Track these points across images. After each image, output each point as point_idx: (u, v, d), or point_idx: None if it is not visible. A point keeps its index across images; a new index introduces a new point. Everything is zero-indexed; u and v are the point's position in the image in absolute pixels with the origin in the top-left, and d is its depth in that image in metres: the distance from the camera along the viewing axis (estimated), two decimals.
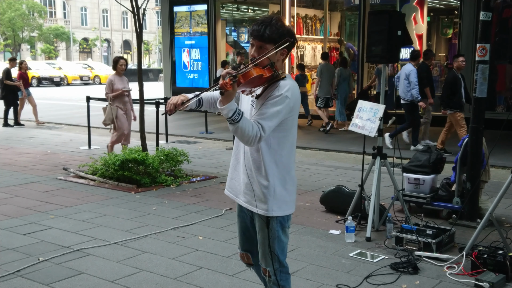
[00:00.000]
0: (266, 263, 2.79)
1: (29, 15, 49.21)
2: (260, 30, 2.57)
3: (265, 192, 2.66)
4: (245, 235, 2.93)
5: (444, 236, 4.55)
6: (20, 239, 4.85)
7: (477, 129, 5.27)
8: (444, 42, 16.41)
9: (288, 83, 2.59)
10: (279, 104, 2.52)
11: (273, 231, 2.71)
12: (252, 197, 2.70)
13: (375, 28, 5.07)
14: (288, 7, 15.59)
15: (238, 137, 2.53)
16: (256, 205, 2.69)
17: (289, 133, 2.66)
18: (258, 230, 2.78)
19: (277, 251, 2.75)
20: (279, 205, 2.69)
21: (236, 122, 2.43)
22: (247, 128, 2.46)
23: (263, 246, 2.76)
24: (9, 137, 11.51)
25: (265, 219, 2.70)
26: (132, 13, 7.47)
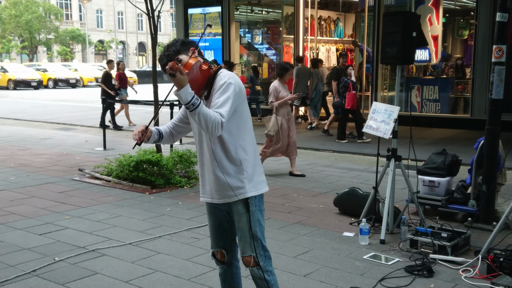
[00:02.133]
0: (250, 249, 2.85)
1: (45, 18, 49.79)
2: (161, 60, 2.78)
3: (239, 176, 2.79)
4: (218, 231, 3.01)
5: (460, 239, 4.50)
6: (36, 239, 4.90)
7: (493, 131, 5.22)
8: (460, 43, 16.27)
9: (227, 72, 2.76)
10: (226, 90, 2.67)
11: (254, 214, 2.82)
12: (226, 189, 2.80)
13: (390, 30, 5.04)
14: (302, 8, 15.57)
15: (202, 125, 2.60)
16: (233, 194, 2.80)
17: (245, 118, 2.81)
18: (238, 218, 2.86)
19: (259, 235, 2.85)
20: (254, 185, 2.82)
21: (197, 107, 2.54)
22: (209, 114, 2.57)
23: (244, 232, 2.84)
24: (25, 138, 11.64)
25: (244, 203, 2.81)
26: (147, 15, 7.52)
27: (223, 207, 2.92)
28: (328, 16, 19.09)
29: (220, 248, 3.03)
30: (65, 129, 13.55)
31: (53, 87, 34.22)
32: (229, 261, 3.05)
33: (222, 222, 2.98)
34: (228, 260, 3.05)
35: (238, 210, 2.85)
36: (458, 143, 10.11)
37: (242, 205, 2.82)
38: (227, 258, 3.04)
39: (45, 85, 33.94)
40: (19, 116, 16.40)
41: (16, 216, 5.61)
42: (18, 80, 32.17)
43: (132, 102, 14.19)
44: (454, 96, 13.30)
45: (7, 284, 3.89)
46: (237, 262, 3.12)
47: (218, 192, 2.85)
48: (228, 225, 2.98)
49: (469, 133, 11.23)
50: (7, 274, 4.05)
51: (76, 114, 16.98)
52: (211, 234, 3.05)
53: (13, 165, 8.46)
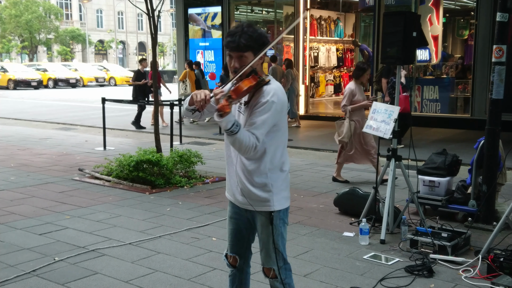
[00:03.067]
0: (271, 262, 2.82)
1: (45, 18, 49.80)
2: (235, 41, 2.61)
3: (265, 189, 2.73)
4: (236, 237, 2.94)
5: (460, 239, 4.50)
6: (36, 239, 4.90)
7: (493, 131, 5.22)
8: (460, 43, 16.27)
9: (272, 87, 2.65)
10: (266, 111, 2.60)
11: (277, 227, 2.77)
12: (251, 197, 2.75)
13: (390, 29, 5.04)
14: (302, 8, 15.56)
15: (236, 148, 2.61)
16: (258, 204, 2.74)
17: (280, 133, 2.74)
18: (260, 229, 2.81)
19: (281, 248, 2.80)
20: (278, 200, 2.76)
21: (235, 134, 2.51)
22: (245, 139, 2.54)
23: (266, 244, 2.80)
24: (25, 138, 11.64)
25: (268, 216, 2.75)
26: (147, 15, 7.52)
27: (246, 214, 2.85)
28: (328, 16, 19.08)
29: (234, 254, 2.97)
30: (65, 129, 13.55)
31: (53, 87, 34.23)
32: (240, 267, 3.00)
33: (242, 229, 2.91)
34: (239, 265, 2.99)
35: (262, 221, 2.78)
36: (458, 143, 10.11)
37: (266, 217, 2.75)
38: (239, 263, 2.99)
39: (45, 85, 33.95)
40: (19, 116, 16.40)
41: (16, 216, 5.61)
42: (18, 80, 32.17)
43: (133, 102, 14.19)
44: (454, 96, 13.31)
45: (7, 284, 3.89)
46: (248, 269, 3.07)
47: (243, 197, 2.78)
48: (246, 232, 2.92)
49: (469, 133, 11.24)
50: (7, 274, 4.05)
51: (76, 114, 16.98)
52: (228, 238, 2.97)
53: (13, 165, 8.46)
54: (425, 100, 13.17)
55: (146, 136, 11.87)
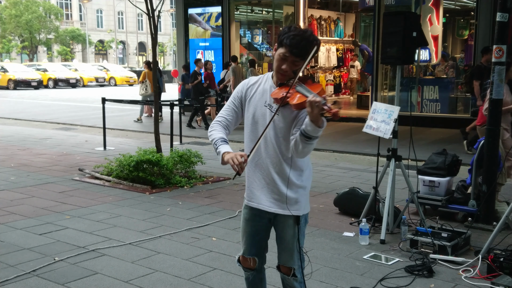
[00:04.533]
0: (292, 261, 2.81)
1: (46, 18, 49.81)
2: (301, 48, 2.54)
3: (299, 192, 2.71)
4: (254, 239, 2.88)
5: (460, 239, 4.50)
6: (36, 239, 4.90)
7: (493, 131, 5.22)
8: (460, 43, 16.28)
9: None
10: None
11: (302, 228, 2.78)
12: (282, 200, 2.70)
13: (390, 29, 5.04)
14: (303, 8, 15.57)
15: (303, 151, 2.52)
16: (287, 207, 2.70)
17: None
18: (283, 229, 2.77)
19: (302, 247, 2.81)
20: (307, 203, 2.78)
21: (317, 138, 2.47)
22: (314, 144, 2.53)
23: (291, 244, 2.78)
24: (25, 138, 11.65)
25: (295, 218, 2.73)
26: (147, 15, 7.52)
27: (267, 215, 2.78)
28: (328, 16, 19.09)
29: (253, 256, 2.91)
30: (65, 129, 13.55)
31: (53, 87, 34.23)
32: (259, 267, 2.98)
33: (260, 231, 2.86)
34: (258, 266, 2.96)
35: (287, 222, 2.75)
36: (458, 143, 10.11)
37: (293, 219, 2.73)
38: (258, 264, 2.95)
39: (45, 85, 33.95)
40: (19, 116, 16.41)
41: (16, 216, 5.61)
42: (18, 80, 32.17)
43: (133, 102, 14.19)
44: (454, 96, 13.31)
45: (7, 284, 3.89)
46: (264, 265, 3.05)
47: (271, 200, 2.72)
48: (264, 233, 2.89)
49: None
50: (7, 274, 4.05)
51: (76, 114, 16.99)
52: (244, 240, 2.90)
53: (13, 165, 8.46)
54: (425, 100, 13.18)
55: (146, 136, 11.87)
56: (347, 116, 14.47)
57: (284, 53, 2.58)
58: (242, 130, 2.89)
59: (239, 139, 11.16)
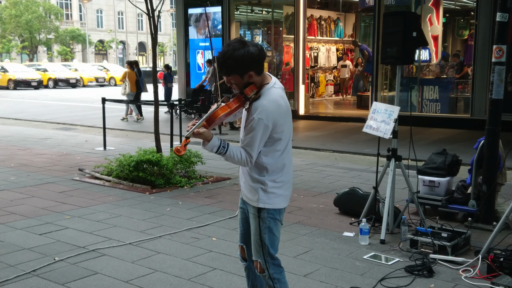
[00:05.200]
0: (258, 254, 2.92)
1: (46, 18, 49.81)
2: (220, 65, 2.74)
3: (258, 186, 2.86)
4: (243, 226, 3.08)
5: (460, 239, 4.50)
6: (36, 239, 4.90)
7: (493, 131, 5.22)
8: (460, 43, 16.27)
9: (260, 103, 2.71)
10: (253, 129, 2.71)
11: (264, 220, 2.87)
12: (248, 191, 2.91)
13: (390, 29, 5.04)
14: (303, 8, 15.56)
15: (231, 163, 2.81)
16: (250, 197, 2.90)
17: (279, 141, 2.82)
18: (250, 221, 2.95)
19: (267, 242, 2.88)
20: (269, 198, 2.86)
21: (224, 154, 2.75)
22: (236, 156, 2.75)
23: (254, 236, 2.92)
24: (25, 138, 11.65)
25: (256, 210, 2.88)
26: (147, 15, 7.52)
27: (246, 205, 3.00)
28: (328, 16, 19.09)
29: (242, 243, 3.11)
30: (66, 129, 13.55)
31: (53, 87, 34.23)
32: (250, 257, 3.11)
33: (246, 220, 3.04)
34: (248, 256, 3.11)
35: (251, 213, 2.94)
36: (458, 143, 10.11)
37: (255, 210, 2.90)
38: (247, 254, 3.10)
39: (45, 85, 33.96)
40: (19, 116, 16.40)
41: (16, 216, 5.61)
42: (18, 80, 32.17)
43: (133, 102, 14.19)
44: (454, 96, 13.31)
45: (7, 284, 3.89)
46: None
47: (244, 190, 2.97)
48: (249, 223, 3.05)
49: (469, 133, 11.23)
50: (7, 274, 4.05)
51: (77, 114, 16.98)
52: (239, 228, 3.14)
53: (13, 165, 8.46)
54: (425, 100, 13.17)
55: (146, 136, 11.87)
56: (346, 116, 14.48)
57: None
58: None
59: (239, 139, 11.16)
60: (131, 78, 14.73)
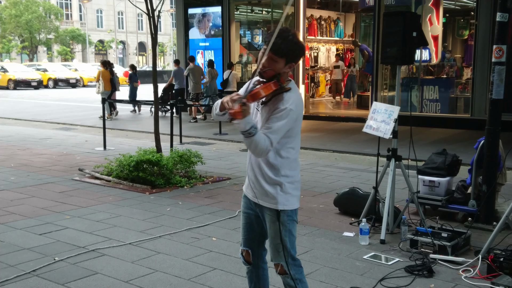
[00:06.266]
0: (278, 257, 2.87)
1: (45, 18, 49.80)
2: (277, 44, 2.65)
3: (276, 187, 2.81)
4: (248, 231, 3.01)
5: (460, 239, 4.50)
6: (36, 239, 4.90)
7: (493, 131, 5.22)
8: (460, 43, 16.27)
9: (292, 95, 2.73)
10: (284, 118, 2.67)
11: (284, 224, 2.83)
12: (262, 193, 2.84)
13: (390, 29, 5.04)
14: (303, 8, 15.56)
15: (251, 149, 2.68)
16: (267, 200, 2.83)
17: (294, 138, 2.82)
18: (268, 225, 2.88)
19: (288, 244, 2.85)
20: (287, 199, 2.83)
21: (252, 136, 2.58)
22: (261, 141, 2.62)
23: (274, 240, 2.86)
24: (25, 138, 11.65)
25: (275, 213, 2.82)
26: (147, 15, 7.52)
27: (256, 208, 2.93)
28: (328, 16, 19.08)
29: (247, 248, 3.04)
30: (65, 129, 13.55)
31: (53, 87, 34.22)
32: (255, 262, 3.06)
33: (253, 224, 2.98)
34: (254, 261, 3.05)
35: (269, 217, 2.86)
36: (458, 143, 10.11)
37: (274, 213, 2.83)
38: (253, 259, 3.04)
39: (45, 85, 33.94)
40: (19, 116, 16.40)
41: (16, 216, 5.61)
42: (18, 80, 32.16)
43: (133, 101, 14.20)
44: (454, 96, 13.31)
45: (7, 284, 3.89)
46: (264, 264, 3.12)
47: (255, 191, 2.88)
48: (258, 227, 2.99)
49: (469, 133, 11.24)
50: (7, 274, 4.05)
51: (77, 114, 16.97)
52: (241, 233, 3.06)
53: (13, 165, 8.46)
54: (425, 100, 13.18)
55: (146, 136, 11.87)
56: (346, 116, 14.48)
57: (264, 48, 2.72)
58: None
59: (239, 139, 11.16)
60: (105, 77, 15.17)
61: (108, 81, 15.13)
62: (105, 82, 15.06)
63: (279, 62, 2.69)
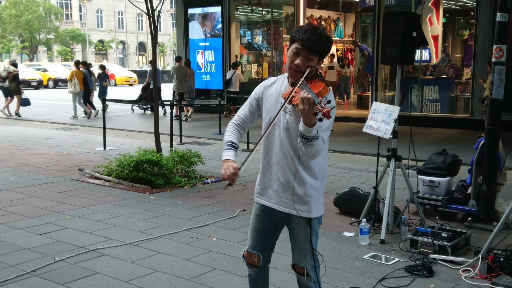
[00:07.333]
0: (305, 261, 2.81)
1: (46, 18, 49.80)
2: (314, 42, 2.57)
3: (312, 193, 2.71)
4: (262, 235, 2.88)
5: (460, 239, 4.50)
6: (36, 239, 4.90)
7: (493, 131, 5.22)
8: (460, 43, 16.27)
9: (331, 92, 2.60)
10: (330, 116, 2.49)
11: (314, 228, 2.77)
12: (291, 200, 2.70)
13: (390, 29, 5.04)
14: (303, 8, 15.57)
15: (310, 153, 2.51)
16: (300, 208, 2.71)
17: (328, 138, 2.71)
18: (296, 229, 2.78)
19: (315, 246, 2.80)
20: (320, 206, 2.78)
21: (317, 139, 2.46)
22: (320, 143, 2.50)
23: (303, 244, 2.78)
24: (25, 138, 11.64)
25: (307, 219, 2.73)
26: (147, 15, 7.52)
27: (279, 214, 2.80)
28: (328, 16, 19.08)
29: (257, 252, 2.92)
30: (65, 129, 13.55)
31: (53, 87, 34.21)
32: (263, 265, 2.98)
33: (269, 228, 2.88)
34: (262, 264, 2.97)
35: (299, 222, 2.75)
36: (458, 143, 10.12)
37: (305, 220, 2.74)
38: (261, 262, 2.95)
39: (45, 85, 33.95)
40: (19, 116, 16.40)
41: (16, 216, 5.61)
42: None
43: (134, 102, 14.19)
44: (454, 96, 13.31)
45: (7, 284, 3.89)
46: (268, 265, 3.05)
47: (284, 200, 2.73)
48: (274, 231, 2.90)
49: (469, 133, 11.24)
50: (7, 274, 4.05)
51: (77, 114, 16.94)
52: (252, 235, 2.91)
53: (13, 165, 8.46)
54: (425, 100, 13.18)
55: (146, 136, 11.87)
56: (346, 116, 14.47)
57: (296, 47, 2.59)
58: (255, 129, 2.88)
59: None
60: (78, 76, 15.56)
61: (81, 81, 15.57)
62: (80, 82, 15.53)
63: (313, 59, 2.60)
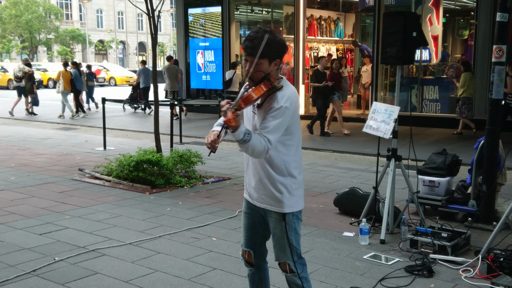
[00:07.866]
0: (285, 257, 2.88)
1: (46, 18, 49.78)
2: (248, 47, 2.67)
3: (282, 190, 2.81)
4: (251, 231, 3.00)
5: (460, 239, 4.50)
6: (36, 239, 4.90)
7: (493, 131, 5.22)
8: (460, 43, 16.28)
9: (285, 93, 2.71)
10: (279, 116, 2.65)
11: (290, 223, 2.84)
12: (267, 197, 2.83)
13: (390, 29, 5.04)
14: (303, 8, 15.57)
15: (248, 153, 2.67)
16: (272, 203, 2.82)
17: (293, 136, 2.79)
18: (273, 225, 2.88)
19: (294, 243, 2.86)
20: (294, 201, 2.86)
21: (249, 141, 2.58)
22: (257, 145, 2.61)
23: (280, 240, 2.86)
24: (25, 138, 11.64)
25: (281, 214, 2.82)
26: (147, 15, 7.52)
27: (260, 210, 2.91)
28: (328, 16, 19.07)
29: (248, 249, 3.02)
30: (66, 129, 13.55)
31: (53, 87, 34.13)
32: (257, 263, 3.06)
33: (256, 224, 2.97)
34: (256, 262, 3.05)
35: (275, 218, 2.85)
36: (458, 143, 10.11)
37: (280, 215, 2.83)
38: (255, 260, 3.04)
39: (45, 85, 33.97)
40: (19, 116, 16.40)
41: (16, 216, 5.61)
42: None
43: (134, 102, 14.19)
44: (454, 96, 13.31)
45: (7, 284, 3.89)
46: (265, 264, 3.12)
47: (258, 196, 2.86)
48: (261, 227, 2.98)
49: (469, 133, 11.24)
50: (7, 274, 4.05)
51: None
52: (243, 233, 3.04)
53: (13, 165, 8.46)
54: (425, 100, 13.18)
55: (146, 136, 11.87)
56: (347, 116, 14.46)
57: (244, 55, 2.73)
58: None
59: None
60: (65, 77, 15.84)
61: (68, 81, 15.80)
62: (65, 82, 15.74)
63: (262, 63, 2.67)
